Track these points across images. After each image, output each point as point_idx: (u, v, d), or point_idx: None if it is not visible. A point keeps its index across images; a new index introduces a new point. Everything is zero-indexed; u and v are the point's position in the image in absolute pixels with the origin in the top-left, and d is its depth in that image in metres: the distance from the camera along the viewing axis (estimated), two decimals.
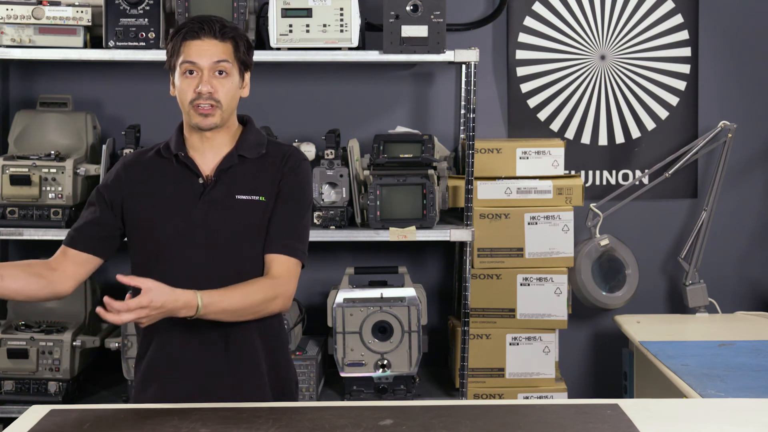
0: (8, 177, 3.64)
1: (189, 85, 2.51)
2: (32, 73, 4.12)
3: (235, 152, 2.58)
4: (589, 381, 4.31)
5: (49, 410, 2.40)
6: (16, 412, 3.45)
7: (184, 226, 2.54)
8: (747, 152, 4.26)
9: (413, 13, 3.66)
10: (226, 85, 2.53)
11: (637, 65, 4.23)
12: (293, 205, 2.60)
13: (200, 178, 2.57)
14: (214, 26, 2.52)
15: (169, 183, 2.57)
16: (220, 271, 2.53)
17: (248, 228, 2.56)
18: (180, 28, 2.55)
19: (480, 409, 2.41)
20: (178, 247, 2.54)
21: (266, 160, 2.61)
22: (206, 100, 2.50)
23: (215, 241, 2.54)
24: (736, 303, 4.25)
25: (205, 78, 2.50)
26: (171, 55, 2.55)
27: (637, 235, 4.24)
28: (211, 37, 2.52)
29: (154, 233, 2.56)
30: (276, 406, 2.43)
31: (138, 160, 2.64)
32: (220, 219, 2.54)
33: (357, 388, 3.68)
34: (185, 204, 2.55)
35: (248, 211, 2.56)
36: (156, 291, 2.33)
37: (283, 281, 2.54)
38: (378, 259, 4.15)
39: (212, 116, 2.52)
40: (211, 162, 2.58)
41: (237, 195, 2.56)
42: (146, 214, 2.56)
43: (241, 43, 2.56)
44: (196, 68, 2.51)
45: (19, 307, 3.85)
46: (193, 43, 2.51)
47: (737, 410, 2.45)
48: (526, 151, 3.93)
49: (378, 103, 4.20)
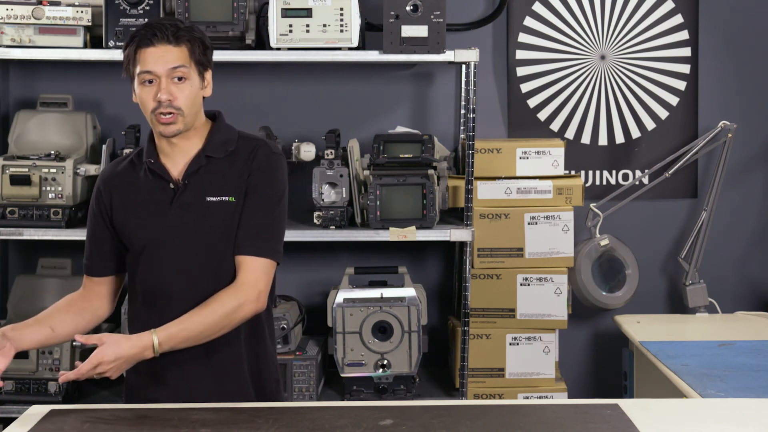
0: (8, 177, 3.64)
1: (148, 94, 2.49)
2: (32, 73, 4.12)
3: (201, 154, 2.56)
4: (589, 381, 4.31)
5: (49, 410, 2.40)
6: (16, 412, 3.45)
7: (160, 232, 2.54)
8: (747, 152, 4.26)
9: (413, 13, 3.66)
10: (185, 91, 2.49)
11: (637, 65, 4.23)
12: (260, 201, 2.54)
13: (171, 183, 2.56)
14: (166, 31, 2.48)
15: (143, 191, 2.58)
16: (199, 274, 2.53)
17: (221, 230, 2.54)
18: (133, 36, 2.51)
19: (480, 409, 2.41)
20: (156, 253, 2.55)
21: (234, 157, 2.57)
22: (167, 108, 2.48)
23: (191, 245, 2.53)
24: (736, 303, 4.25)
25: (163, 86, 2.47)
26: (127, 64, 2.53)
27: (637, 235, 4.24)
28: (165, 43, 2.48)
29: (134, 241, 2.58)
30: (276, 406, 2.43)
31: (112, 172, 2.65)
32: (194, 222, 2.53)
33: (357, 388, 3.68)
34: (159, 210, 2.55)
35: (219, 212, 2.53)
36: (107, 346, 2.40)
37: (247, 286, 2.50)
38: (378, 259, 4.15)
39: (174, 124, 2.50)
40: (180, 166, 2.57)
41: (207, 197, 2.54)
42: (126, 224, 2.58)
43: (195, 44, 2.52)
44: (154, 76, 2.48)
45: (19, 307, 3.85)
46: (147, 51, 2.48)
47: (737, 410, 2.45)
48: (526, 151, 3.93)
49: (378, 103, 4.20)
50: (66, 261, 3.94)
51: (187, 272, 2.54)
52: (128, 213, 2.58)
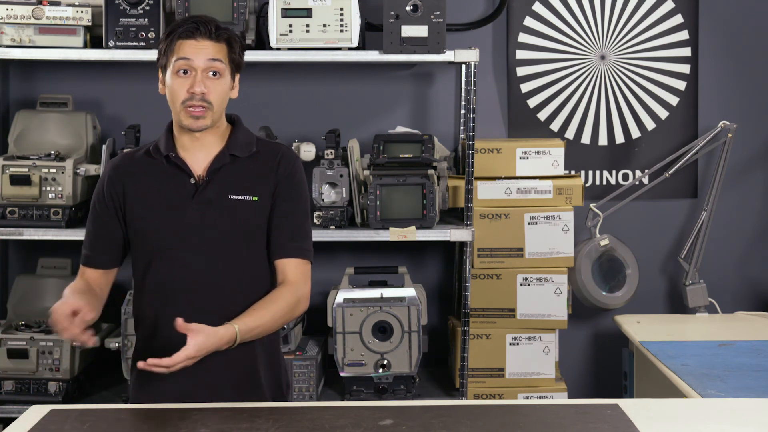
0: (8, 177, 3.64)
1: (181, 85, 2.51)
2: (32, 73, 4.12)
3: (226, 151, 2.58)
4: (589, 381, 4.31)
5: (49, 410, 2.40)
6: (16, 412, 3.45)
7: (179, 228, 2.54)
8: (747, 152, 4.26)
9: (413, 13, 3.66)
10: (218, 87, 2.53)
11: (637, 65, 4.23)
12: (295, 207, 2.61)
13: (192, 178, 2.57)
14: (209, 27, 2.53)
15: (161, 184, 2.57)
16: (215, 271, 2.54)
17: (242, 228, 2.56)
18: (175, 27, 2.54)
19: (480, 409, 2.41)
20: (173, 248, 2.54)
21: (258, 159, 2.61)
22: (198, 102, 2.50)
23: (210, 242, 2.54)
24: (736, 303, 4.25)
25: (198, 78, 2.50)
26: (164, 53, 2.55)
27: (637, 235, 4.24)
28: (206, 38, 2.52)
29: (150, 235, 2.56)
30: (276, 406, 2.43)
31: (127, 161, 2.64)
32: (214, 219, 2.54)
33: (357, 388, 3.68)
34: (179, 205, 2.55)
35: (242, 210, 2.56)
36: (205, 336, 2.37)
37: (300, 285, 2.58)
38: (378, 259, 4.15)
39: (203, 118, 2.52)
40: (202, 162, 2.58)
41: (230, 195, 2.56)
42: (142, 216, 2.57)
43: (235, 44, 2.57)
44: (191, 67, 2.50)
45: (19, 307, 3.85)
46: (188, 42, 2.51)
47: (737, 410, 2.45)
48: (526, 151, 3.93)
49: (378, 103, 4.20)
50: (66, 261, 3.94)
51: (204, 268, 2.54)
52: (144, 205, 2.56)
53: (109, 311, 2.74)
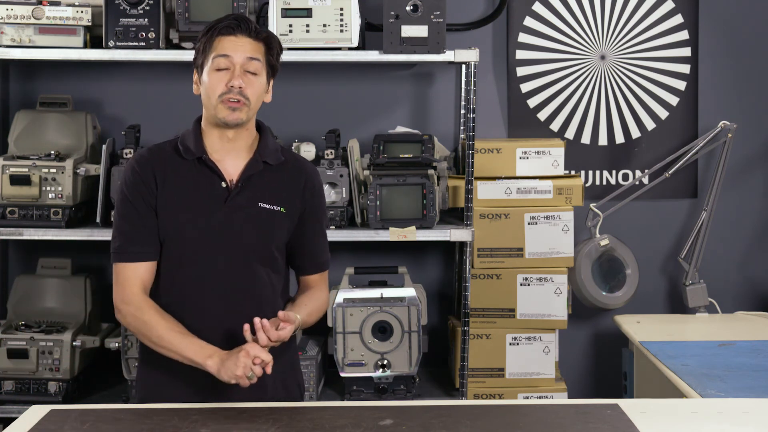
0: (8, 177, 3.64)
1: (219, 80, 2.51)
2: (32, 73, 4.12)
3: (258, 158, 2.58)
4: (589, 381, 4.31)
5: (49, 410, 2.40)
6: (16, 412, 3.45)
7: (208, 230, 2.53)
8: (747, 152, 4.26)
9: (413, 13, 3.66)
10: (255, 84, 2.54)
11: (637, 65, 4.23)
12: (321, 227, 2.71)
13: (223, 182, 2.56)
14: (249, 25, 2.55)
15: (192, 184, 2.55)
16: (238, 276, 2.55)
17: (268, 235, 2.57)
18: (214, 25, 2.55)
19: (480, 409, 2.42)
20: (201, 251, 2.53)
21: (285, 170, 2.62)
22: (236, 95, 2.50)
23: (236, 247, 2.54)
24: (736, 303, 4.25)
25: (237, 73, 2.51)
26: (202, 51, 2.55)
27: (637, 235, 4.24)
28: (246, 35, 2.54)
29: (179, 235, 2.54)
30: (276, 406, 2.43)
31: (155, 156, 2.58)
32: (242, 225, 2.54)
33: (357, 388, 3.68)
34: (209, 207, 2.54)
35: (269, 219, 2.57)
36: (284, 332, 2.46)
37: (325, 290, 2.73)
38: (378, 259, 4.15)
39: (240, 111, 2.52)
40: (231, 166, 2.58)
41: (260, 203, 2.57)
42: (173, 215, 2.54)
43: (273, 45, 2.59)
44: (230, 63, 2.51)
45: (19, 307, 3.85)
46: (227, 38, 2.53)
47: (737, 410, 2.45)
48: (526, 151, 3.93)
49: (378, 103, 4.20)
50: (66, 261, 3.93)
51: (227, 273, 2.54)
52: (176, 203, 2.54)
53: (109, 311, 2.73)
